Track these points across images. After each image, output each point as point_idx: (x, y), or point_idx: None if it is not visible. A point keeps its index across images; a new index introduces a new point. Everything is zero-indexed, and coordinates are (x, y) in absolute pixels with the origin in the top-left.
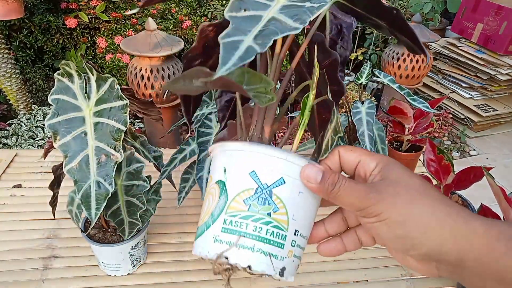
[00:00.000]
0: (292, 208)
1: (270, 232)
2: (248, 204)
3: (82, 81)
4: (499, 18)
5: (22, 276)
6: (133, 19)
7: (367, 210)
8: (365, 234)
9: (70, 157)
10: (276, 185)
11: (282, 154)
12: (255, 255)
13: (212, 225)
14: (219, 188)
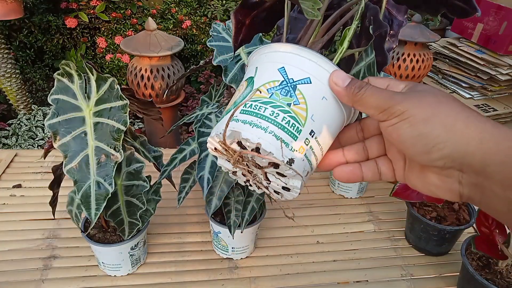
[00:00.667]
0: (312, 108)
1: (286, 120)
2: (271, 93)
3: (82, 81)
4: (499, 18)
5: (22, 276)
6: (133, 19)
7: (390, 109)
8: (386, 164)
9: (70, 157)
10: (301, 82)
11: (313, 56)
12: (267, 135)
13: (232, 110)
14: (247, 82)
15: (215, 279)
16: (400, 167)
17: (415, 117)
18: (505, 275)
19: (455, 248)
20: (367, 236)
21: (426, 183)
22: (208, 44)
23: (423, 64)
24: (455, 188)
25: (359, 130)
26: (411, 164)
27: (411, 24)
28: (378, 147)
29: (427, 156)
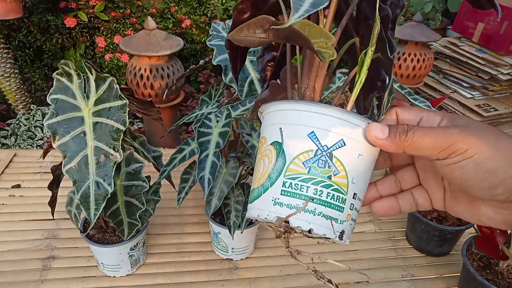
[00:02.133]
0: (352, 171)
1: (331, 196)
2: (308, 167)
3: (81, 81)
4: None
5: (21, 276)
6: (133, 18)
7: (452, 148)
8: (422, 195)
9: (69, 157)
10: (336, 147)
11: (342, 114)
12: (316, 218)
13: (271, 188)
14: (275, 149)
15: (214, 280)
16: (439, 197)
17: (480, 154)
18: (506, 275)
19: (456, 248)
20: (367, 236)
21: (477, 215)
22: (208, 43)
23: (423, 63)
24: (509, 218)
25: (387, 157)
26: (458, 195)
27: (412, 23)
28: (411, 178)
29: (491, 192)
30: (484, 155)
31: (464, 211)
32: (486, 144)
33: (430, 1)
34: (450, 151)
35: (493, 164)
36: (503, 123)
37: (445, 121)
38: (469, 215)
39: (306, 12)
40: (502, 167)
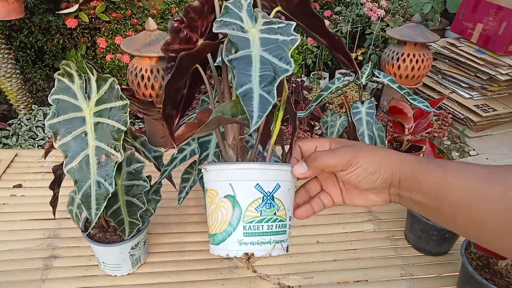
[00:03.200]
0: (287, 203)
1: (278, 226)
2: (259, 211)
3: (83, 81)
4: (499, 18)
5: (22, 276)
6: (133, 19)
7: (349, 162)
8: (326, 197)
9: (70, 157)
10: (275, 190)
11: (277, 166)
12: (273, 245)
13: (234, 232)
14: (230, 201)
15: (215, 279)
16: (338, 195)
17: (366, 163)
18: (504, 274)
19: (455, 248)
20: (366, 235)
21: (367, 201)
22: None
23: (422, 64)
24: (387, 198)
25: None
26: (351, 191)
27: (411, 24)
28: (315, 187)
29: (373, 184)
30: (368, 163)
31: (358, 200)
32: (368, 155)
33: (429, 2)
34: (349, 164)
35: (373, 167)
36: (501, 123)
37: (334, 144)
38: (362, 202)
39: (260, 118)
40: (377, 167)
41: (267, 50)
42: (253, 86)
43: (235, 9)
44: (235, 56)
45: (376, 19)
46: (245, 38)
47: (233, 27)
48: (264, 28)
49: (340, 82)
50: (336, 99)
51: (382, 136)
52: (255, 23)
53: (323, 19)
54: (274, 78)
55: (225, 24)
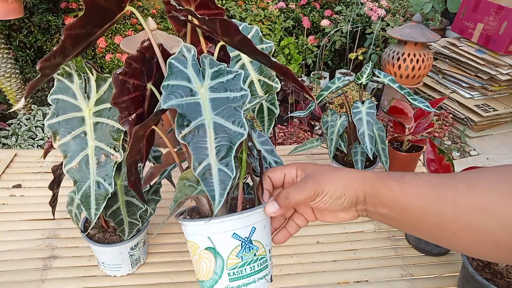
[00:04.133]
0: (264, 240)
1: (260, 264)
2: (240, 256)
3: (82, 81)
4: (500, 18)
5: (22, 276)
6: (133, 19)
7: (315, 194)
8: (300, 218)
9: (70, 157)
10: (252, 234)
11: (251, 212)
12: (257, 283)
13: (220, 280)
14: (211, 253)
15: None
16: (311, 215)
17: (330, 190)
18: (505, 275)
19: None
20: (367, 236)
21: (338, 218)
22: None
23: (423, 64)
24: (355, 214)
25: None
26: (322, 211)
27: (411, 24)
28: (290, 210)
29: (341, 206)
30: (332, 190)
31: (329, 218)
32: (331, 183)
33: (430, 1)
34: (315, 195)
35: (337, 192)
36: (502, 123)
37: (300, 171)
38: (333, 219)
39: (221, 197)
40: (342, 191)
41: (219, 114)
42: (211, 161)
43: (179, 66)
44: (188, 129)
45: (377, 19)
46: (195, 103)
47: (181, 93)
48: (214, 84)
49: (340, 82)
50: (337, 99)
51: (382, 136)
52: (203, 80)
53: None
54: (230, 147)
55: (172, 92)
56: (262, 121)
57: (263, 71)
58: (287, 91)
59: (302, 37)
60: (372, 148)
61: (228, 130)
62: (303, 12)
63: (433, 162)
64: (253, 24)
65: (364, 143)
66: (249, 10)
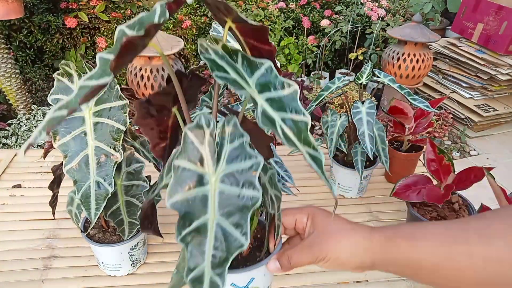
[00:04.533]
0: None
1: None
2: None
3: None
4: (500, 18)
5: (22, 276)
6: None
7: (318, 259)
8: None
9: (70, 157)
10: (250, 282)
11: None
12: None
13: None
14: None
15: None
16: None
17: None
18: None
19: None
20: None
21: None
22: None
23: (423, 64)
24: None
25: None
26: None
27: (411, 24)
28: None
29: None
30: (334, 257)
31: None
32: (334, 250)
33: (430, 1)
34: (318, 260)
35: (341, 259)
36: (502, 123)
37: (310, 221)
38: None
39: None
40: (345, 259)
41: (224, 215)
42: (205, 268)
43: (195, 142)
44: (189, 229)
45: (377, 19)
46: (203, 196)
47: (190, 182)
48: (228, 171)
49: (340, 82)
50: (336, 99)
51: (382, 136)
52: (217, 164)
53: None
54: (226, 258)
55: (181, 179)
56: None
57: None
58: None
59: (302, 37)
60: (372, 148)
61: (229, 236)
62: (303, 12)
63: (433, 162)
64: None
65: (364, 143)
66: (249, 10)
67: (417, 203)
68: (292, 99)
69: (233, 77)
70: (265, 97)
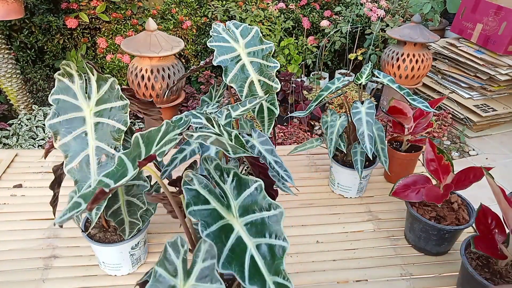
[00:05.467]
0: None
1: None
2: None
3: (83, 81)
4: (499, 18)
5: (22, 275)
6: (134, 20)
7: None
8: None
9: (71, 157)
10: None
11: None
12: None
13: None
14: None
15: None
16: None
17: None
18: (504, 274)
19: (455, 247)
20: (366, 235)
21: None
22: (209, 44)
23: (422, 64)
24: None
25: None
26: None
27: (411, 24)
28: None
29: None
30: None
31: None
32: None
33: (429, 2)
34: None
35: None
36: (501, 123)
37: None
38: None
39: None
40: None
41: None
42: None
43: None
44: None
45: (376, 19)
46: None
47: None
48: None
49: (340, 82)
50: (336, 99)
51: (382, 136)
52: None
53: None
54: None
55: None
56: (262, 121)
57: (263, 72)
58: (287, 91)
59: (302, 38)
60: (371, 148)
61: None
62: (303, 13)
63: (432, 161)
64: (253, 24)
65: (364, 143)
66: (249, 10)
67: (416, 203)
68: (276, 222)
69: (213, 207)
70: (245, 221)
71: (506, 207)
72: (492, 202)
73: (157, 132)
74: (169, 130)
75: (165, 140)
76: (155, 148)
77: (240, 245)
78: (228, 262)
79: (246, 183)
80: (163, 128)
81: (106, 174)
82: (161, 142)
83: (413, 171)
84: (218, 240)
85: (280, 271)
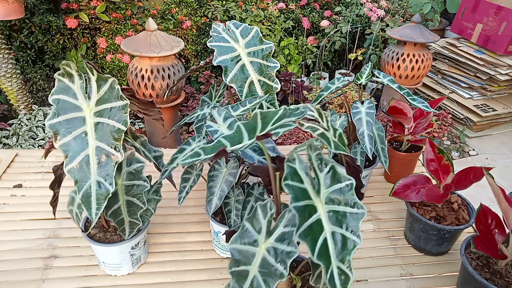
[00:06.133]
0: None
1: None
2: None
3: (83, 81)
4: (499, 18)
5: (22, 275)
6: (134, 20)
7: None
8: None
9: (71, 157)
10: None
11: None
12: None
13: None
14: None
15: (215, 279)
16: None
17: None
18: (504, 274)
19: (455, 247)
20: (366, 235)
21: None
22: (209, 44)
23: (422, 64)
24: None
25: None
26: None
27: (411, 24)
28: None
29: None
30: None
31: None
32: None
33: (429, 2)
34: None
35: None
36: (501, 123)
37: None
38: None
39: None
40: None
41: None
42: None
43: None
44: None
45: (376, 19)
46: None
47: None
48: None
49: (340, 82)
50: (336, 99)
51: (382, 136)
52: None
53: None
54: None
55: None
56: None
57: (263, 72)
58: (287, 91)
59: (302, 38)
60: (371, 148)
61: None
62: (303, 13)
63: (432, 161)
64: (253, 24)
65: (364, 143)
66: (249, 10)
67: (416, 203)
68: (355, 219)
69: (304, 187)
70: (328, 209)
71: (506, 207)
72: (492, 202)
73: (274, 114)
74: (286, 115)
75: (280, 123)
76: (271, 127)
77: (318, 226)
78: (304, 234)
79: (339, 178)
80: (280, 112)
81: (225, 137)
82: (276, 124)
83: (413, 171)
84: (301, 214)
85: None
